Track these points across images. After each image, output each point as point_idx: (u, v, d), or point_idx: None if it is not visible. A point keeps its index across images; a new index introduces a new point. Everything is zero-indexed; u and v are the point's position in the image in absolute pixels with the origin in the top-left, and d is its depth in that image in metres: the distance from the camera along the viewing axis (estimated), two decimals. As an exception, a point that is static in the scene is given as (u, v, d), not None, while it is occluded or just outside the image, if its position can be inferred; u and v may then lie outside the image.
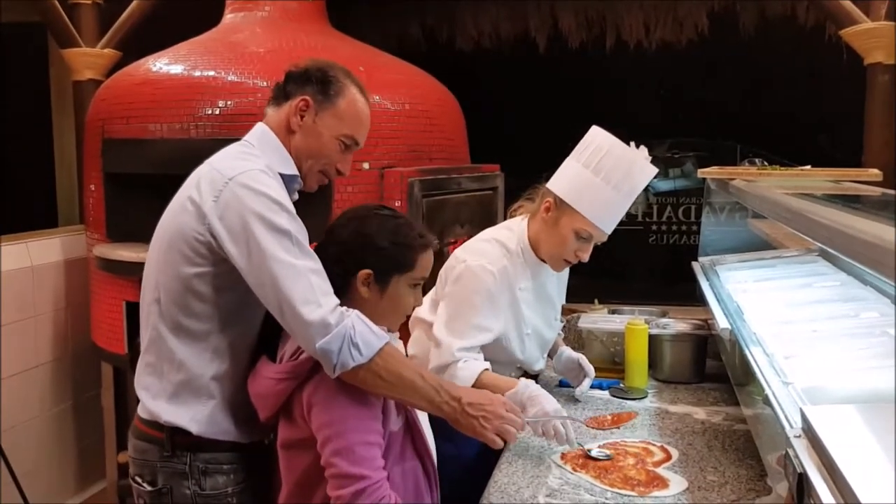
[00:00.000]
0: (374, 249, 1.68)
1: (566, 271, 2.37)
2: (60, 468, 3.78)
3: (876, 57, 3.66)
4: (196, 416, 1.68)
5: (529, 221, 2.23)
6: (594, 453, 1.88)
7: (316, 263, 1.60)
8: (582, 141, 2.16)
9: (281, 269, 1.55)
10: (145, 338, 1.74)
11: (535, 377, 2.41)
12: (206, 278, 1.65)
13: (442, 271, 2.26)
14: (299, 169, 1.76)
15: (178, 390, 1.68)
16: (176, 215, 1.68)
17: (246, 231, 1.57)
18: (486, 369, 2.06)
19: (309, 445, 1.59)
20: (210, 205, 1.61)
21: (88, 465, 3.90)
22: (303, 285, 1.54)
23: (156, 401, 1.70)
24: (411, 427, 1.71)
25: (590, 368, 2.31)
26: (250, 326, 1.73)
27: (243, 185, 1.60)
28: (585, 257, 2.16)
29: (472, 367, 2.04)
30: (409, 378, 1.60)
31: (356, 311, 1.58)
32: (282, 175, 1.71)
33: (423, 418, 1.76)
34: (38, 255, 3.63)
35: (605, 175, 2.08)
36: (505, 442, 1.71)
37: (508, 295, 2.17)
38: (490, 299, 2.12)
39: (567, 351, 2.40)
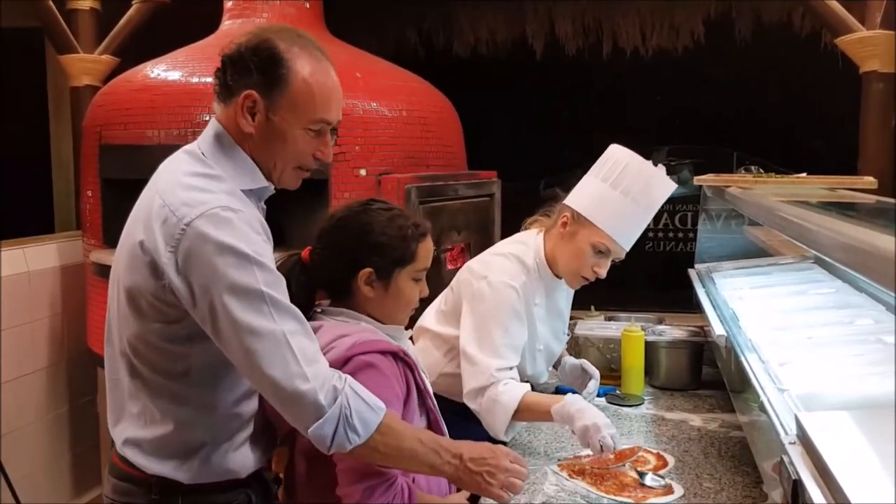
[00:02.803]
0: (371, 246, 1.63)
1: None
2: (56, 474, 3.77)
3: (871, 65, 3.67)
4: (184, 465, 1.50)
5: (545, 237, 2.21)
6: (648, 481, 1.78)
7: (295, 321, 1.40)
8: (601, 157, 2.16)
9: (255, 341, 1.35)
10: (116, 383, 1.54)
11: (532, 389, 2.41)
12: (173, 332, 1.44)
13: (454, 284, 2.24)
14: (269, 174, 1.52)
15: (164, 443, 1.49)
16: (130, 264, 1.44)
17: (209, 296, 1.35)
18: (527, 391, 2.02)
19: None
20: (166, 256, 1.37)
21: (84, 470, 3.89)
22: (284, 356, 1.36)
23: (140, 453, 1.51)
24: (433, 428, 1.69)
25: (594, 371, 2.30)
26: (238, 375, 1.49)
27: (202, 235, 1.35)
28: (603, 273, 2.13)
29: (513, 389, 2.00)
30: (408, 448, 1.48)
31: (349, 380, 1.44)
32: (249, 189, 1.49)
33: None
34: (34, 260, 3.63)
35: (623, 188, 2.07)
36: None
37: (526, 311, 2.15)
38: (517, 316, 2.10)
39: (570, 359, 2.40)
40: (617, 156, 2.13)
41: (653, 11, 4.99)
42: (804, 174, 2.52)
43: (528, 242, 2.23)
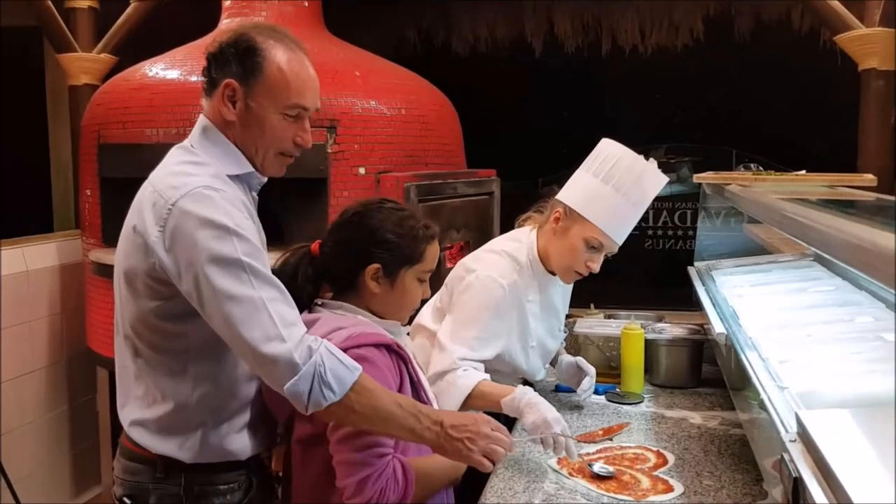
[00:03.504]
0: (380, 243, 1.66)
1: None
2: (55, 473, 3.76)
3: (870, 62, 3.68)
4: (186, 444, 1.57)
5: (538, 233, 2.21)
6: (596, 469, 1.82)
7: (274, 289, 1.46)
8: (592, 152, 2.16)
9: (234, 307, 1.41)
10: (124, 369, 1.62)
11: (531, 385, 2.41)
12: (168, 309, 1.51)
13: (448, 280, 2.25)
14: (252, 160, 1.60)
15: (166, 422, 1.56)
16: (126, 249, 1.54)
17: (193, 268, 1.43)
18: (485, 379, 2.03)
19: (326, 439, 1.58)
20: (155, 236, 1.46)
21: (84, 470, 3.89)
22: (262, 320, 1.41)
23: (145, 432, 1.58)
24: None
25: (589, 368, 2.30)
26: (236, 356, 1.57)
27: (186, 213, 1.44)
28: (596, 268, 2.13)
29: (471, 375, 2.02)
30: (385, 409, 1.49)
31: (324, 342, 1.48)
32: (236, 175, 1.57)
33: None
34: (33, 259, 3.63)
35: (614, 183, 2.07)
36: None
37: (517, 309, 2.16)
38: (498, 313, 2.10)
39: (566, 357, 2.40)
40: (608, 150, 2.12)
41: (652, 9, 4.99)
42: (803, 172, 2.51)
43: (522, 239, 2.23)
